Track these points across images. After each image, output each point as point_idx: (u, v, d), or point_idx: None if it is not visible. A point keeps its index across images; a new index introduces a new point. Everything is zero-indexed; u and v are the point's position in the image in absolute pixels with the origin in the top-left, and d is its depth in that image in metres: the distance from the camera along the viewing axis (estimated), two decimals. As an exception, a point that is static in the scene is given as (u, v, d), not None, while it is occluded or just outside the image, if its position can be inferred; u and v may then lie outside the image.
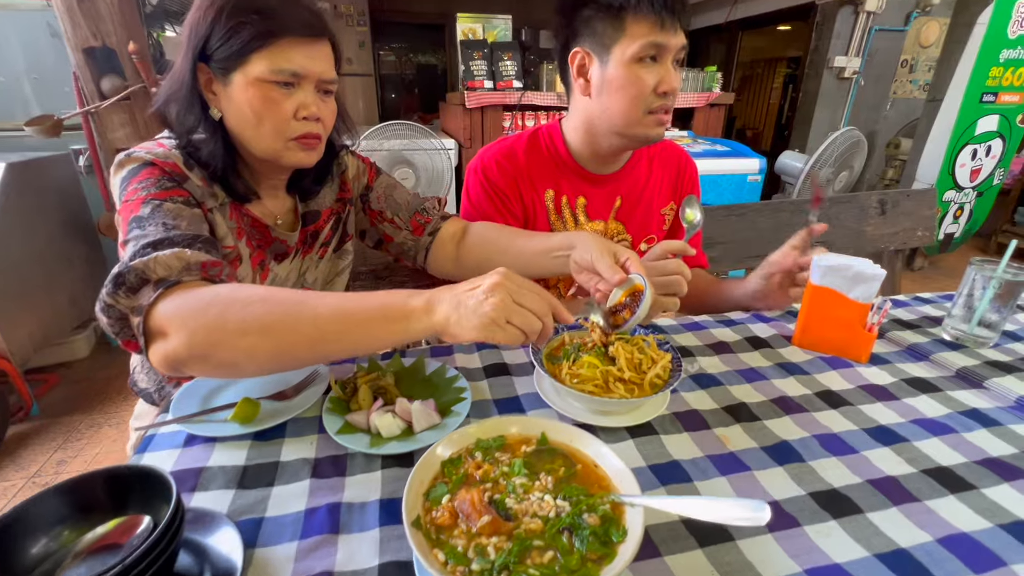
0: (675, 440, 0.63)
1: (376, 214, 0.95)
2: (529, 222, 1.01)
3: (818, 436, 0.64)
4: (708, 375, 0.77)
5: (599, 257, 0.70)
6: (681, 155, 1.09)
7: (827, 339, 0.82)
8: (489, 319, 0.52)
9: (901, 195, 1.75)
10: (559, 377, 0.65)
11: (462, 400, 0.66)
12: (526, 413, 0.67)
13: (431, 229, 0.95)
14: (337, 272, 0.94)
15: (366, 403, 0.65)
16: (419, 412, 0.62)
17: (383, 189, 0.96)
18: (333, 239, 0.93)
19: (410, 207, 0.95)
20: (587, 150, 0.98)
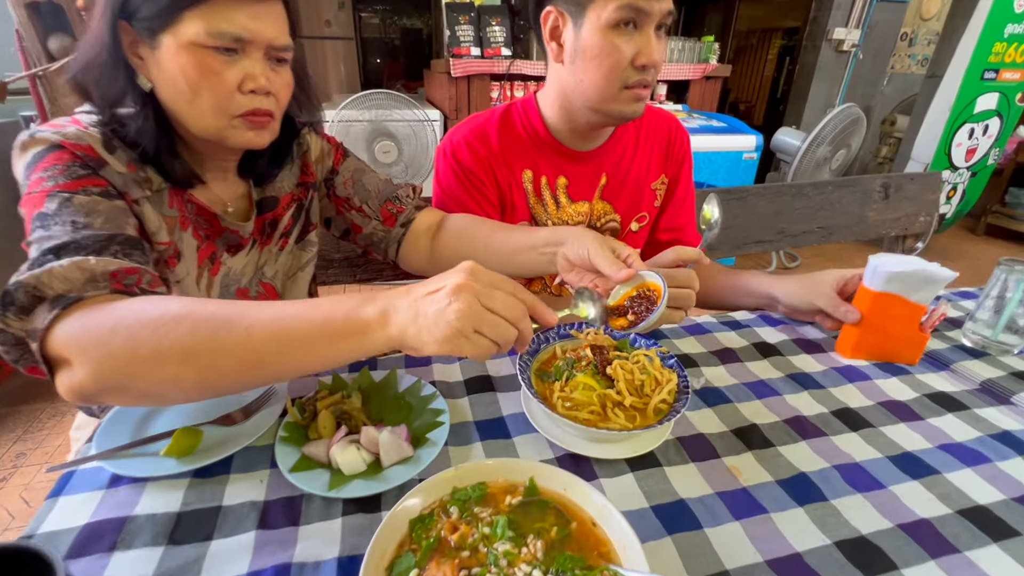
0: (680, 473, 0.55)
1: (342, 201, 0.84)
2: (507, 207, 0.91)
3: (839, 467, 0.57)
4: (714, 389, 0.69)
5: (598, 251, 0.61)
6: (671, 123, 0.99)
7: (880, 345, 0.76)
8: (453, 329, 0.44)
9: (905, 179, 1.67)
10: (550, 401, 0.57)
11: (439, 426, 0.58)
12: (512, 439, 0.59)
13: (404, 220, 0.84)
14: (300, 266, 0.84)
15: (327, 431, 0.56)
16: (388, 444, 0.53)
17: (350, 173, 0.85)
18: (294, 228, 0.82)
19: (381, 194, 0.85)
20: (565, 125, 0.88)
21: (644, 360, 0.60)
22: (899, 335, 0.75)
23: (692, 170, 1.01)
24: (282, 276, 0.83)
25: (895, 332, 0.75)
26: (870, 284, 0.73)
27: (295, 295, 0.83)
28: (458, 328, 0.44)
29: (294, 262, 0.84)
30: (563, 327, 0.69)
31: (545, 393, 0.59)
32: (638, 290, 0.59)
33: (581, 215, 0.93)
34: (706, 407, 0.66)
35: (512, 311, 0.46)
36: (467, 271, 0.47)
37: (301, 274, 0.84)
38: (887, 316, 0.74)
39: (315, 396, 0.60)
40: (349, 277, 1.25)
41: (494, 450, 0.58)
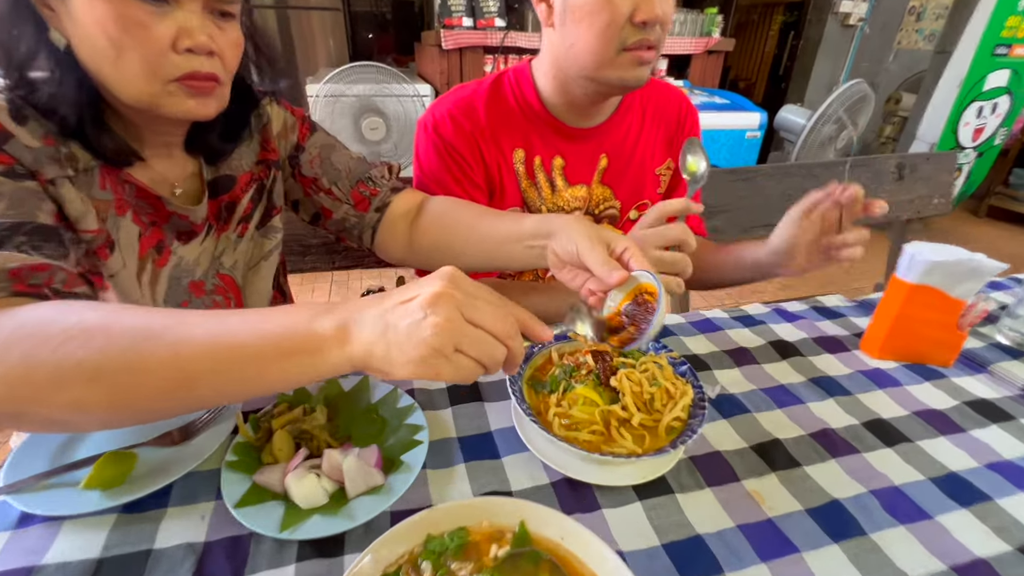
0: (695, 501, 0.48)
1: (309, 182, 0.75)
2: (496, 191, 0.82)
3: (877, 492, 0.50)
4: (730, 397, 0.61)
5: (588, 248, 0.51)
6: (681, 101, 0.89)
7: (911, 345, 0.68)
8: (429, 348, 0.36)
9: (920, 159, 1.59)
10: (544, 418, 0.49)
11: (416, 445, 0.50)
12: (500, 459, 0.51)
13: (378, 204, 0.75)
14: (263, 254, 0.75)
15: (283, 454, 0.48)
16: (354, 471, 0.45)
17: (318, 150, 0.75)
18: (255, 212, 0.72)
19: (352, 175, 0.75)
20: (561, 98, 0.78)
21: (653, 368, 0.52)
22: (934, 334, 0.67)
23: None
24: (242, 266, 0.73)
25: (929, 330, 0.67)
26: (905, 275, 0.65)
27: (258, 287, 0.74)
28: (435, 346, 0.36)
29: (256, 250, 0.74)
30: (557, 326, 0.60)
31: (539, 407, 0.51)
32: (634, 295, 0.51)
33: (579, 200, 0.84)
34: (721, 418, 0.58)
35: (500, 325, 0.38)
36: (446, 277, 0.39)
37: (264, 264, 0.75)
38: (922, 312, 0.66)
39: (271, 411, 0.52)
40: (327, 264, 1.16)
41: (479, 474, 0.50)
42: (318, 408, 0.52)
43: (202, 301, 0.69)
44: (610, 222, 0.88)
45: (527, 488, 0.48)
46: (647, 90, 0.86)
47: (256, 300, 0.74)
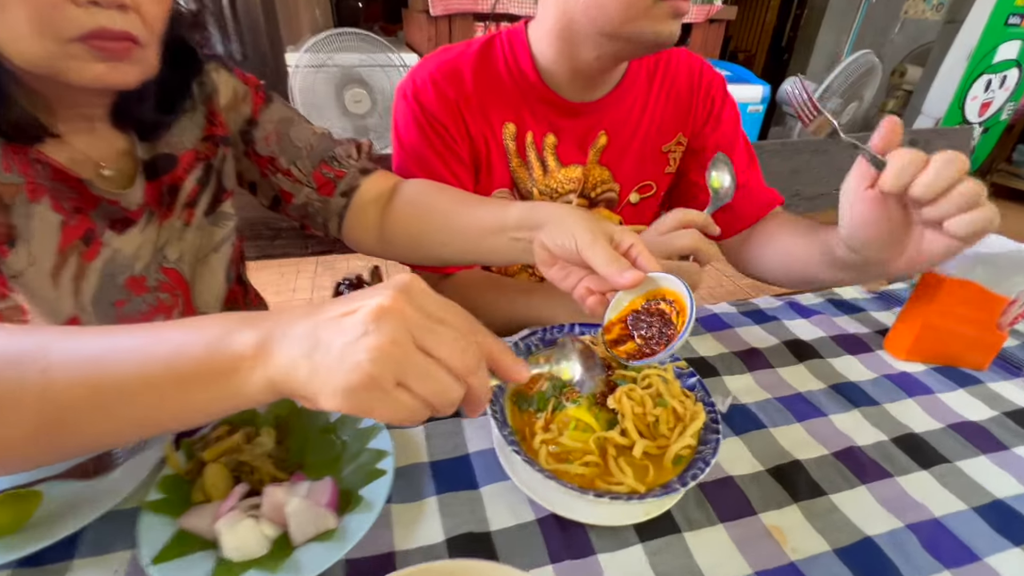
0: (706, 541, 0.41)
1: (266, 162, 0.65)
2: (482, 169, 0.72)
3: (915, 527, 0.43)
4: (742, 408, 0.54)
5: (590, 242, 0.43)
6: (696, 66, 0.77)
7: (943, 346, 0.61)
8: (365, 377, 0.28)
9: (934, 134, 1.50)
10: (530, 446, 0.42)
11: (379, 475, 0.42)
12: (479, 489, 0.44)
13: (345, 187, 0.66)
14: (213, 245, 0.66)
15: (217, 491, 0.40)
16: (300, 514, 0.38)
17: (274, 125, 0.65)
18: (202, 197, 0.63)
19: (314, 153, 0.66)
20: (563, 67, 0.68)
21: (658, 383, 0.45)
22: (969, 333, 0.60)
23: (739, 122, 0.79)
24: (190, 259, 0.64)
25: (965, 329, 0.60)
26: (943, 267, 0.57)
27: (208, 283, 0.66)
28: (372, 374, 0.28)
29: (205, 240, 0.65)
30: (549, 331, 0.53)
31: (524, 431, 0.43)
32: (647, 299, 0.43)
33: (572, 182, 0.75)
34: (733, 434, 0.51)
35: (459, 358, 0.30)
36: (400, 287, 0.31)
37: (215, 256, 0.66)
38: (959, 309, 0.58)
39: (208, 436, 0.44)
40: (300, 249, 1.07)
41: (453, 509, 0.42)
42: (264, 431, 0.44)
43: (143, 299, 0.60)
44: (607, 207, 0.79)
45: (509, 527, 0.41)
46: (656, 56, 0.76)
47: (207, 297, 0.66)
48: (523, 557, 0.39)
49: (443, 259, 0.62)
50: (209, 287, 0.66)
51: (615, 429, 0.42)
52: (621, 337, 0.42)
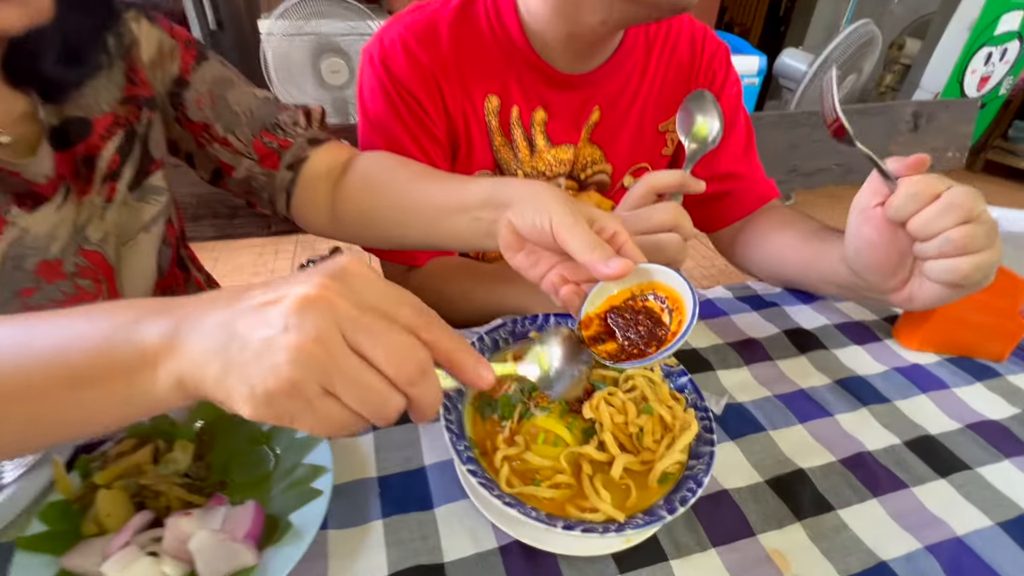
0: (697, 569, 0.35)
1: (200, 129, 0.57)
2: (460, 149, 0.64)
3: (935, 548, 0.37)
4: (738, 408, 0.48)
5: (570, 223, 0.35)
6: (698, 32, 0.69)
7: (958, 335, 0.55)
8: (284, 382, 0.23)
9: (939, 107, 1.43)
10: (490, 463, 0.35)
11: (314, 496, 0.36)
12: (434, 510, 0.38)
13: (291, 159, 0.58)
14: (142, 224, 0.57)
15: (112, 521, 0.33)
16: (209, 549, 0.31)
17: (208, 86, 0.57)
18: (125, 168, 0.55)
19: (255, 120, 0.57)
20: (558, 31, 0.59)
21: (643, 385, 0.38)
22: (988, 321, 0.54)
23: (741, 98, 0.71)
24: (115, 241, 0.56)
25: (983, 317, 0.54)
26: (964, 251, 0.51)
27: (137, 267, 0.58)
28: (291, 380, 0.23)
29: (131, 219, 0.57)
30: (520, 322, 0.46)
31: (486, 443, 0.37)
32: (631, 294, 0.36)
33: (563, 164, 0.67)
34: (728, 439, 0.45)
35: (399, 362, 0.24)
36: (334, 273, 0.25)
37: (145, 236, 0.58)
38: (978, 294, 0.52)
39: (109, 452, 0.37)
40: (262, 228, 0.98)
41: (402, 535, 0.36)
42: (179, 445, 0.37)
43: (57, 287, 0.52)
44: (598, 190, 0.71)
45: (467, 557, 0.35)
46: (655, 25, 0.67)
47: (137, 283, 0.58)
48: (481, 594, 0.33)
49: (400, 242, 0.54)
50: (138, 272, 0.58)
51: (591, 442, 0.35)
52: (600, 335, 0.35)
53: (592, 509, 0.32)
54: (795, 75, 2.56)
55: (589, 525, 0.31)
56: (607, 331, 0.35)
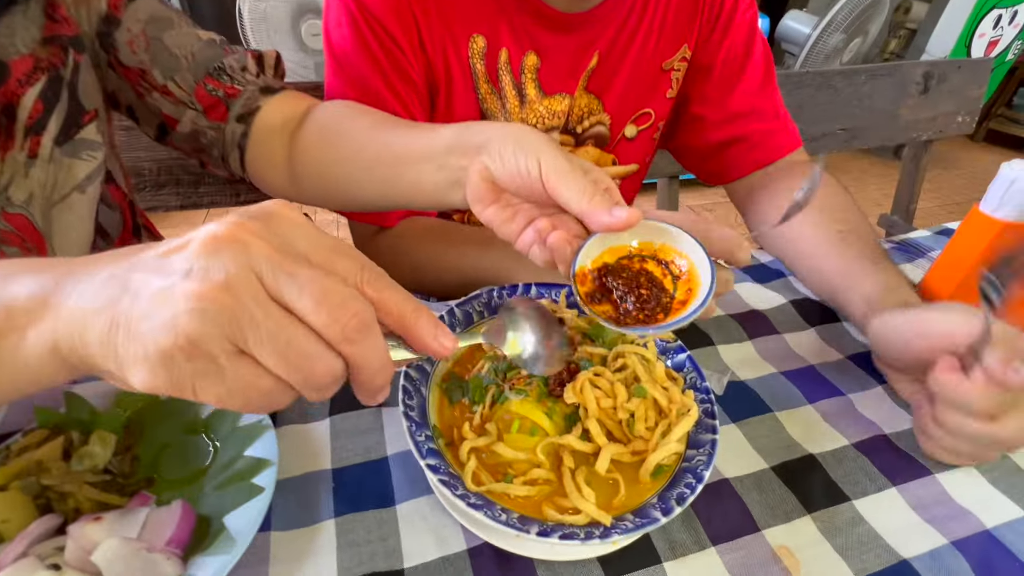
0: (695, 574, 0.30)
1: (135, 75, 0.50)
2: (440, 95, 0.57)
3: (963, 543, 0.33)
4: (741, 386, 0.43)
5: (565, 168, 0.30)
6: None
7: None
8: (182, 336, 0.18)
9: (950, 67, 1.36)
10: (458, 458, 0.30)
11: (254, 495, 0.31)
12: (395, 506, 0.33)
13: (241, 110, 0.51)
14: (75, 183, 0.51)
15: (9, 527, 0.28)
16: (119, 561, 0.26)
17: (142, 26, 0.50)
18: (51, 119, 0.48)
19: (197, 64, 0.50)
20: None
21: (635, 363, 0.33)
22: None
23: (755, 27, 0.63)
24: (42, 203, 0.50)
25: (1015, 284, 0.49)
26: (997, 210, 0.46)
27: (69, 232, 0.51)
28: (191, 335, 0.18)
29: (61, 177, 0.50)
30: (498, 292, 0.40)
31: (453, 435, 0.32)
32: (632, 252, 0.31)
33: (557, 116, 0.60)
34: (728, 421, 0.40)
35: (332, 313, 0.20)
36: (256, 214, 0.21)
37: (79, 197, 0.51)
38: (1008, 260, 0.47)
39: (11, 446, 0.32)
40: (229, 197, 0.91)
41: (358, 535, 0.31)
42: (96, 436, 0.32)
43: None
44: (596, 144, 0.64)
45: (431, 561, 0.30)
46: None
47: (72, 250, 0.52)
48: (445, 606, 0.28)
49: (362, 200, 0.48)
50: (72, 237, 0.52)
51: (574, 430, 0.30)
52: (595, 293, 0.30)
53: (574, 510, 0.27)
54: (798, 39, 2.46)
55: (569, 530, 0.26)
56: (603, 291, 0.30)
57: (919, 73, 1.30)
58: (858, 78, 1.24)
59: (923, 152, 1.47)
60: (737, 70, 0.61)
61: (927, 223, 0.75)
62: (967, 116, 1.42)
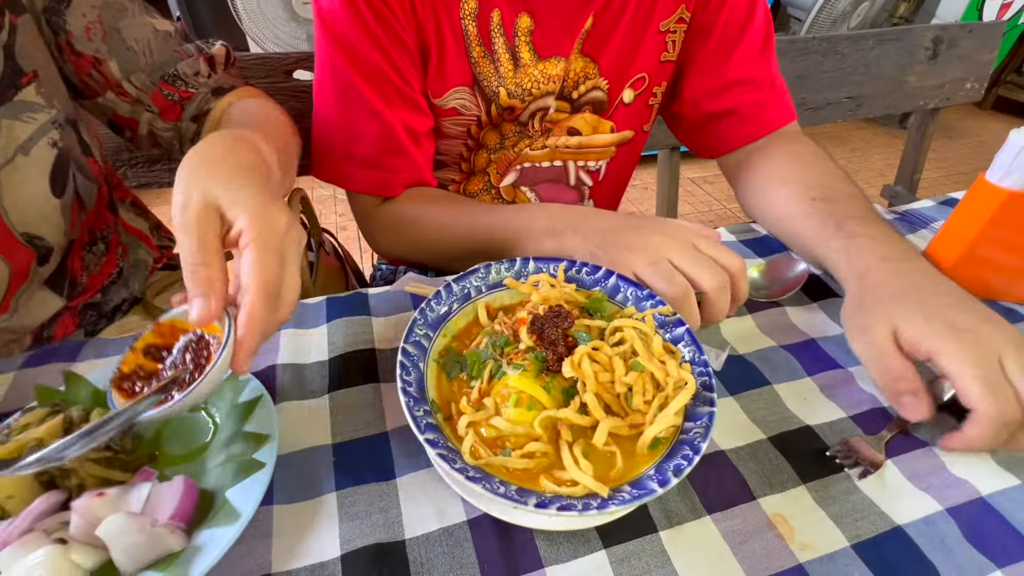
0: (689, 540, 0.31)
1: (89, 64, 0.49)
2: (431, 60, 0.55)
3: (956, 511, 0.33)
4: (739, 360, 0.43)
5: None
6: None
7: (986, 276, 0.49)
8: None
9: (961, 31, 1.32)
10: (455, 432, 0.30)
11: (256, 470, 0.31)
12: (395, 479, 0.33)
13: (194, 111, 0.53)
14: (20, 144, 0.49)
15: (15, 504, 0.29)
16: (125, 535, 0.27)
17: (98, 11, 0.49)
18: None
19: (155, 64, 0.50)
20: None
21: (632, 337, 0.33)
22: (1014, 262, 0.49)
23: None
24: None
25: (1010, 258, 0.48)
26: (1003, 178, 0.45)
27: (22, 195, 0.49)
28: None
29: (2, 139, 0.49)
30: (496, 267, 0.40)
31: (451, 409, 0.32)
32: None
33: (551, 80, 0.59)
34: (726, 394, 0.40)
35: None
36: None
37: (23, 160, 0.50)
38: (1014, 233, 0.47)
39: (12, 425, 0.32)
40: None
41: (359, 508, 0.32)
42: (96, 413, 0.32)
43: None
44: (594, 110, 0.63)
45: (432, 532, 0.31)
46: None
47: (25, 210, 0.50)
48: (446, 575, 0.29)
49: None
50: (25, 198, 0.50)
51: (572, 404, 0.30)
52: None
53: (571, 482, 0.28)
54: (804, 3, 2.39)
55: (566, 502, 0.26)
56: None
57: (928, 38, 1.27)
58: (865, 43, 1.20)
59: (929, 120, 1.44)
60: (737, 34, 0.59)
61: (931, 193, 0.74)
62: (976, 82, 1.39)
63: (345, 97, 0.54)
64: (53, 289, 0.55)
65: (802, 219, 0.50)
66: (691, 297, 0.39)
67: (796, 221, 0.51)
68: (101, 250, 0.59)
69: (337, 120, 0.56)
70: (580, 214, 0.48)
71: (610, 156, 0.69)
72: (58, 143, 0.50)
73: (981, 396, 0.32)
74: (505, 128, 0.62)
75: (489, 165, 0.65)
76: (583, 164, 0.68)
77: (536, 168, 0.67)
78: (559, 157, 0.66)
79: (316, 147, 0.59)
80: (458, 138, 0.62)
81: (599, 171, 0.70)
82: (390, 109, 0.54)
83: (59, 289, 0.55)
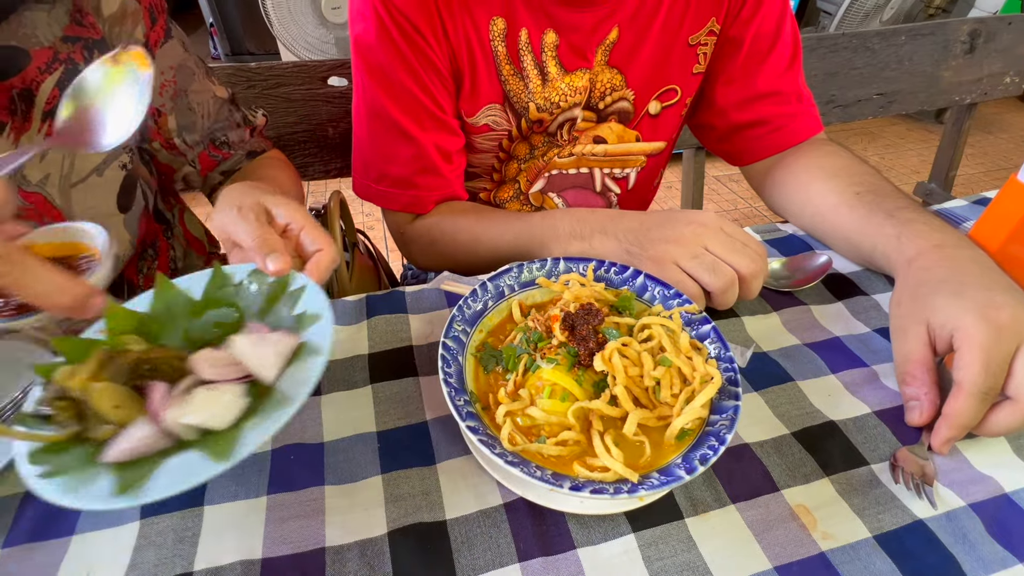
0: (715, 527, 0.33)
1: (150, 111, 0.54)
2: (464, 81, 0.58)
3: (980, 506, 0.34)
4: (764, 358, 0.44)
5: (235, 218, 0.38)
6: None
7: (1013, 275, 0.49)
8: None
9: (1000, 24, 1.28)
10: (494, 421, 0.32)
11: (313, 321, 0.33)
12: (435, 465, 0.36)
13: (227, 167, 0.61)
14: (93, 166, 0.53)
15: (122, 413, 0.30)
16: (252, 347, 0.31)
17: (173, 73, 0.54)
18: None
19: (208, 127, 0.56)
20: None
21: (660, 334, 0.35)
22: (1051, 261, 0.48)
23: (788, 3, 0.62)
24: (60, 182, 0.53)
25: (1046, 256, 0.48)
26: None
27: (90, 210, 0.54)
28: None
29: (79, 160, 0.53)
30: (528, 267, 0.42)
31: (488, 398, 0.34)
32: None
33: (578, 92, 0.61)
34: (752, 390, 0.41)
35: None
36: None
37: (97, 180, 0.54)
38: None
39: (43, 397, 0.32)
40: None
41: (402, 491, 0.34)
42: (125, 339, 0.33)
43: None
44: (619, 120, 0.64)
45: (470, 514, 0.33)
46: None
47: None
48: (485, 553, 0.31)
49: None
50: (91, 215, 0.54)
51: (603, 396, 0.32)
52: None
53: (602, 468, 0.30)
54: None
55: (599, 486, 0.28)
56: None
57: (965, 31, 1.24)
58: (897, 39, 1.18)
59: (966, 116, 1.41)
60: (766, 48, 0.60)
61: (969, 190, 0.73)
62: (1016, 76, 1.35)
63: (380, 121, 0.58)
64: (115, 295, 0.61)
65: (847, 210, 0.51)
66: (736, 284, 0.42)
67: (840, 212, 0.52)
68: (151, 255, 0.65)
69: (372, 143, 0.59)
70: (606, 216, 0.50)
71: (641, 165, 0.70)
72: (127, 165, 0.54)
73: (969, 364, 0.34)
74: (535, 139, 0.64)
75: (519, 174, 0.68)
76: (609, 171, 0.70)
77: (563, 175, 0.69)
78: (585, 164, 0.68)
79: (355, 167, 0.63)
80: (490, 152, 0.64)
81: (627, 179, 0.72)
82: (423, 132, 0.57)
83: (119, 294, 0.61)
